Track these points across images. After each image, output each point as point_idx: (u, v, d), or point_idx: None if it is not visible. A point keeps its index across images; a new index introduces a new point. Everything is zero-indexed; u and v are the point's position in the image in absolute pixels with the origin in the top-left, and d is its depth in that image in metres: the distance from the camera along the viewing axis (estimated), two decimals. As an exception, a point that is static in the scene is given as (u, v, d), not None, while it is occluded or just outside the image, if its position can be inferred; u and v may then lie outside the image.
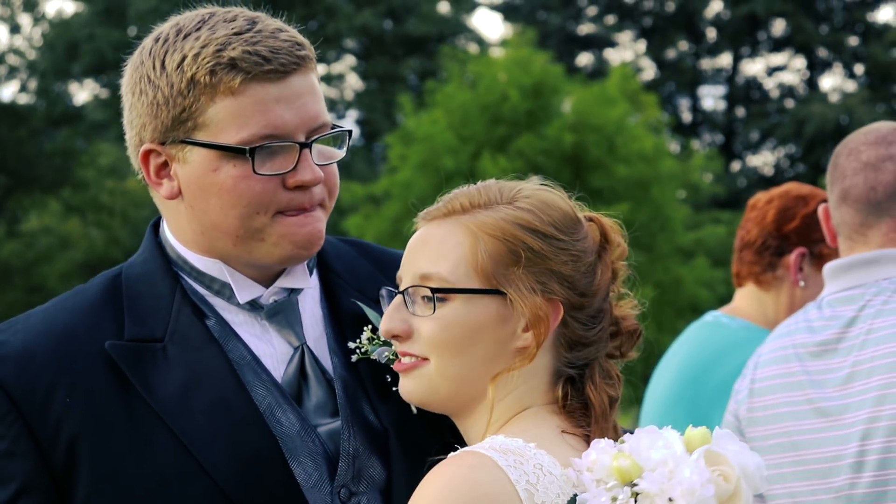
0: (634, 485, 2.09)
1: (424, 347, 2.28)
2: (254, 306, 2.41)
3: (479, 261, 2.26)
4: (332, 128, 2.39)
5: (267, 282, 2.42)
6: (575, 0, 47.28)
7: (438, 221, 2.32)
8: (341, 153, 2.42)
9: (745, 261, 4.08)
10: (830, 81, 57.76)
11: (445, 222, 2.31)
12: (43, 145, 45.05)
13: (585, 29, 47.78)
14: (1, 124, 43.54)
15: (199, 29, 2.33)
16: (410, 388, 2.31)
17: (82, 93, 47.21)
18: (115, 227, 48.58)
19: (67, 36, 43.13)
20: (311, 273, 2.49)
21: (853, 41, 45.57)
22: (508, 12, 46.62)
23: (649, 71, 46.54)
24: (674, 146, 31.40)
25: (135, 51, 2.43)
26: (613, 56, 47.36)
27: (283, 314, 2.42)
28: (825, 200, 3.97)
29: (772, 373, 3.21)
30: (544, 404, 2.31)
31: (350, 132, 2.43)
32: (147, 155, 2.36)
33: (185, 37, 2.33)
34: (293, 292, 2.45)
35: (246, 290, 2.40)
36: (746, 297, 4.11)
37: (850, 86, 45.82)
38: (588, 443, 2.24)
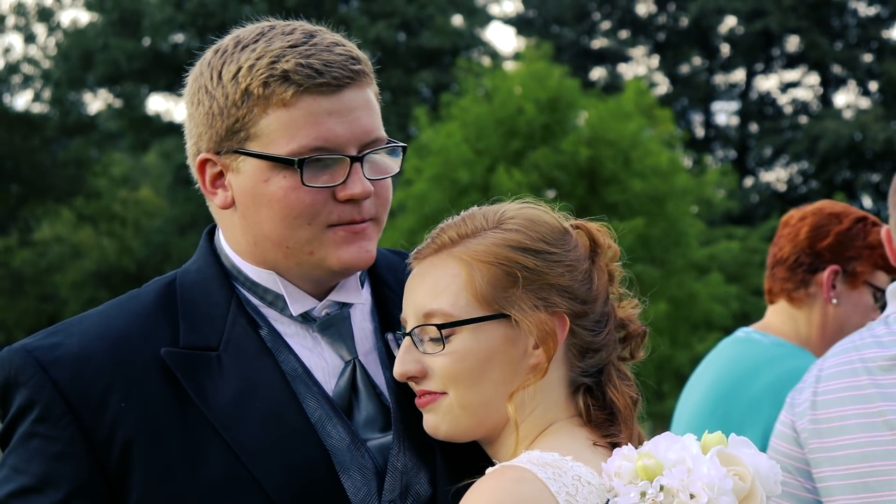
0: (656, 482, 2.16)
1: (441, 383, 2.31)
2: (306, 319, 2.42)
3: (478, 288, 2.29)
4: (387, 143, 2.40)
5: (320, 295, 2.43)
6: (589, 14, 47.33)
7: (431, 258, 2.36)
8: (395, 168, 2.43)
9: (778, 277, 4.07)
10: (844, 98, 57.70)
11: (438, 257, 2.35)
12: (56, 154, 45.17)
13: (599, 43, 47.82)
14: (15, 133, 43.65)
15: (256, 41, 2.35)
16: (434, 423, 2.34)
17: (96, 102, 47.31)
18: (127, 236, 48.65)
19: (82, 46, 43.22)
20: (362, 286, 2.50)
21: (867, 58, 45.53)
22: (522, 26, 46.67)
23: (662, 86, 46.54)
24: (686, 161, 31.38)
25: (196, 62, 2.45)
26: (627, 71, 47.37)
27: (335, 328, 2.42)
28: (860, 219, 3.99)
29: (838, 386, 3.21)
30: (568, 418, 2.35)
31: (405, 147, 2.43)
32: (203, 164, 2.38)
33: (243, 48, 2.35)
34: (345, 306, 2.45)
35: (299, 302, 2.40)
36: (778, 313, 4.10)
37: (864, 102, 45.77)
38: None
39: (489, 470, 2.23)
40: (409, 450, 2.38)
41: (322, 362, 2.41)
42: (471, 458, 2.36)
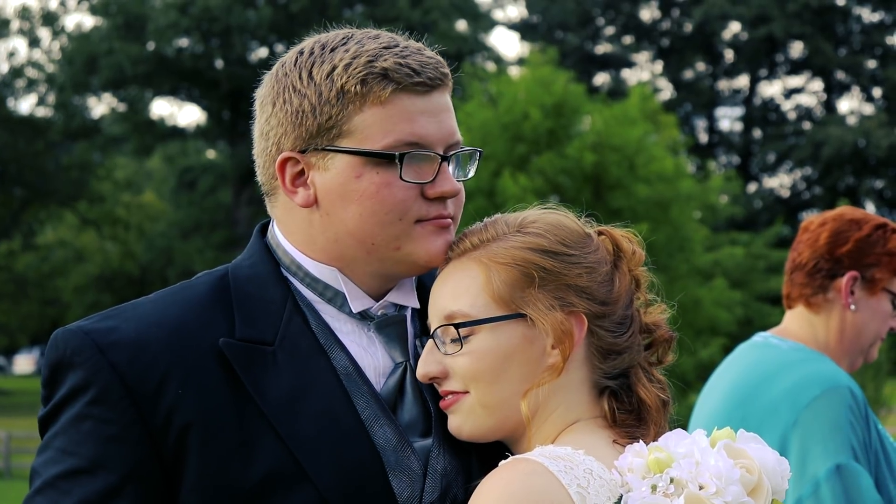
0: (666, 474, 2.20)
1: (462, 382, 2.34)
2: (363, 316, 2.43)
3: (496, 289, 2.33)
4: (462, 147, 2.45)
5: (378, 296, 2.44)
6: (592, 20, 47.41)
7: (454, 262, 2.39)
8: (472, 171, 2.48)
9: (796, 282, 4.06)
10: (848, 104, 57.88)
11: (460, 261, 2.38)
12: (60, 158, 45.22)
13: (603, 49, 47.91)
14: (18, 137, 43.73)
15: (345, 43, 2.38)
16: (458, 424, 2.37)
17: (100, 107, 47.37)
18: (130, 240, 48.77)
19: (86, 50, 43.28)
20: None
21: (871, 64, 45.62)
22: (526, 31, 46.78)
23: (666, 91, 46.61)
24: (690, 167, 31.42)
25: (275, 65, 2.46)
26: (630, 76, 47.45)
27: (393, 328, 2.44)
28: (880, 225, 3.99)
29: None
30: (591, 418, 2.37)
31: (481, 152, 2.48)
32: (284, 163, 2.38)
33: (333, 50, 2.37)
34: (400, 308, 2.47)
35: (358, 300, 2.42)
36: (796, 318, 4.09)
37: (868, 109, 45.85)
38: None
39: (501, 463, 2.25)
40: (448, 453, 2.39)
41: (374, 361, 2.42)
42: None
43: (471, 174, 2.47)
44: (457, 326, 2.32)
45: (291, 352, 2.34)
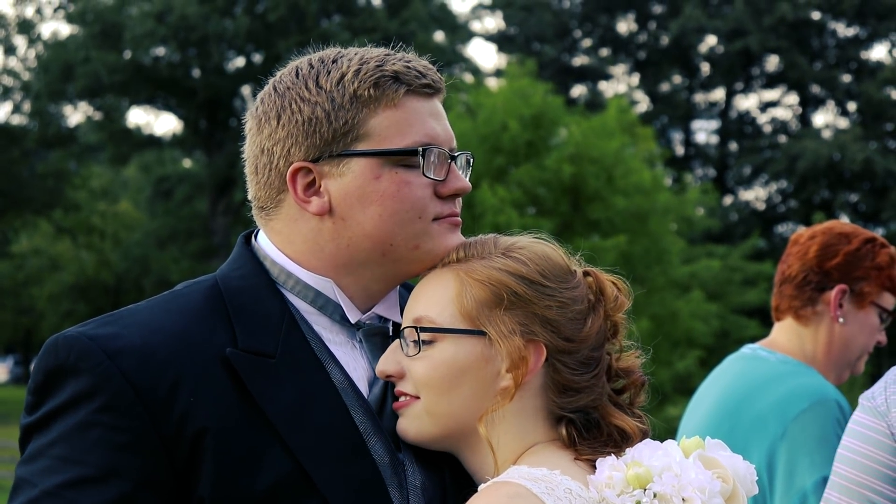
0: (649, 489, 2.22)
1: (414, 386, 2.38)
2: (352, 325, 2.46)
3: (465, 304, 2.37)
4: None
5: (364, 310, 2.47)
6: (570, 32, 47.52)
7: (436, 271, 2.44)
8: (466, 177, 2.53)
9: (785, 295, 4.09)
10: (823, 118, 58.16)
11: (441, 271, 2.43)
12: (35, 167, 44.91)
13: (579, 61, 47.98)
14: (-6, 145, 43.41)
15: (343, 55, 2.44)
16: (405, 427, 2.40)
17: (76, 115, 47.10)
18: (105, 249, 48.53)
19: (62, 58, 43.03)
20: None
21: (846, 78, 45.82)
22: (503, 43, 46.83)
23: (643, 104, 46.72)
24: (666, 180, 31.50)
25: (266, 86, 2.48)
26: (607, 88, 47.57)
27: (378, 337, 2.46)
28: (869, 240, 4.03)
29: None
30: (549, 441, 2.39)
31: (473, 158, 2.54)
32: (296, 174, 2.39)
33: (335, 61, 2.42)
34: (384, 322, 2.50)
35: (349, 311, 2.44)
36: (785, 331, 4.13)
37: (843, 122, 46.06)
38: None
39: (481, 487, 2.27)
40: (422, 469, 2.41)
41: (363, 372, 2.44)
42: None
43: (468, 175, 2.53)
44: (419, 330, 2.36)
45: (292, 366, 2.34)
